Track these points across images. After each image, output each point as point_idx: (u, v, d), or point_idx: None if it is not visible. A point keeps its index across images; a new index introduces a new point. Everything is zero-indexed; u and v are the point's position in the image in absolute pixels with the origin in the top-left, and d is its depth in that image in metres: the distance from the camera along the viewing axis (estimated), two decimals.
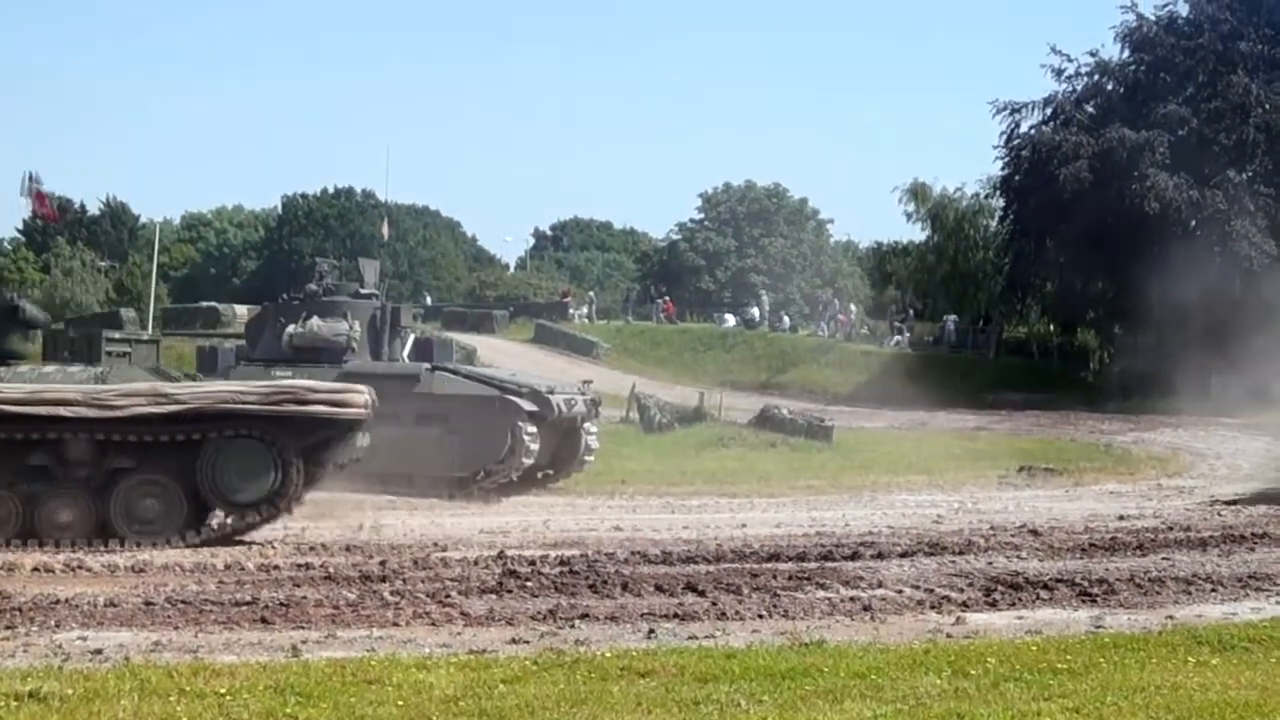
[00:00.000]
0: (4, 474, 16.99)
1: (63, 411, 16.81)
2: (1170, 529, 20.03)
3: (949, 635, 11.90)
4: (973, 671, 10.22)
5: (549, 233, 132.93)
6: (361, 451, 19.01)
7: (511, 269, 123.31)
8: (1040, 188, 58.09)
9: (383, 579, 14.36)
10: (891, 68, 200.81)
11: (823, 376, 60.77)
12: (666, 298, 79.93)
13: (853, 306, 76.56)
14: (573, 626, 12.01)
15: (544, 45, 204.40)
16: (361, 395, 17.90)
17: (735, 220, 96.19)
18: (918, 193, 72.91)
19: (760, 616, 12.68)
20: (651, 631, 11.83)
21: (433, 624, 12.09)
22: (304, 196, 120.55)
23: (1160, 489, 26.37)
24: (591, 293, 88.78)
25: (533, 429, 24.35)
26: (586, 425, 26.26)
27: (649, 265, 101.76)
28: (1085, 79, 62.21)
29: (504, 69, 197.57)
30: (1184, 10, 60.92)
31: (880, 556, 16.78)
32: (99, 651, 10.62)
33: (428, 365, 25.71)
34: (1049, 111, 61.48)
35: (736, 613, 12.79)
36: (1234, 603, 13.94)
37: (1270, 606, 13.68)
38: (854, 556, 16.74)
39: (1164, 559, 16.91)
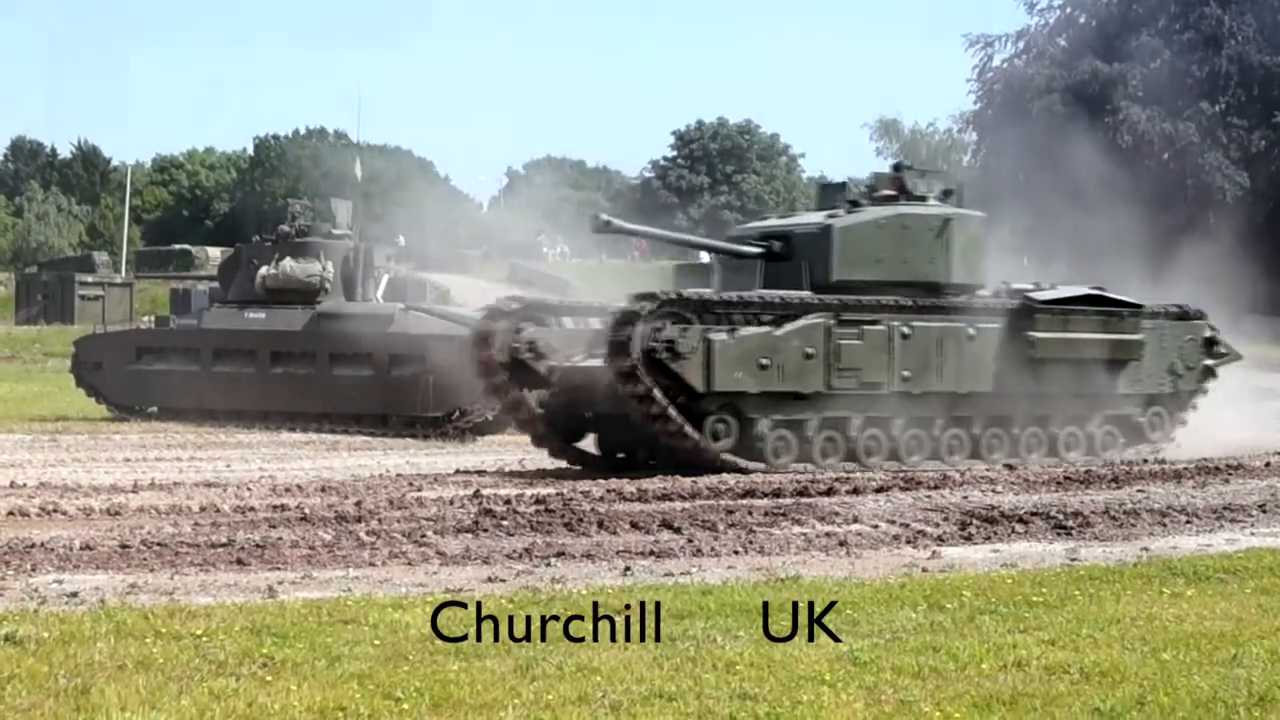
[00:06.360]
0: None
1: None
2: (1144, 461, 20.08)
3: (924, 569, 11.93)
4: (948, 605, 10.24)
5: (522, 172, 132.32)
6: None
7: (485, 208, 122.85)
8: (1012, 121, 57.94)
9: (358, 519, 14.33)
10: (863, 1, 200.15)
11: None
12: None
13: None
14: (549, 565, 12.00)
15: None
16: None
17: (708, 157, 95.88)
18: (888, 128, 72.69)
19: (736, 553, 12.71)
20: (627, 569, 11.84)
21: (409, 563, 12.09)
22: (276, 138, 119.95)
23: None
24: (564, 232, 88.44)
25: None
26: None
27: (623, 203, 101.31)
28: (1058, 12, 62.18)
29: (476, 6, 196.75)
30: None
31: (855, 492, 16.83)
32: (75, 594, 10.58)
33: (402, 305, 25.69)
34: (1021, 45, 61.43)
35: (712, 549, 12.81)
36: (1208, 534, 14.02)
37: (1244, 538, 13.75)
38: (829, 492, 16.79)
39: (1138, 491, 16.98)
